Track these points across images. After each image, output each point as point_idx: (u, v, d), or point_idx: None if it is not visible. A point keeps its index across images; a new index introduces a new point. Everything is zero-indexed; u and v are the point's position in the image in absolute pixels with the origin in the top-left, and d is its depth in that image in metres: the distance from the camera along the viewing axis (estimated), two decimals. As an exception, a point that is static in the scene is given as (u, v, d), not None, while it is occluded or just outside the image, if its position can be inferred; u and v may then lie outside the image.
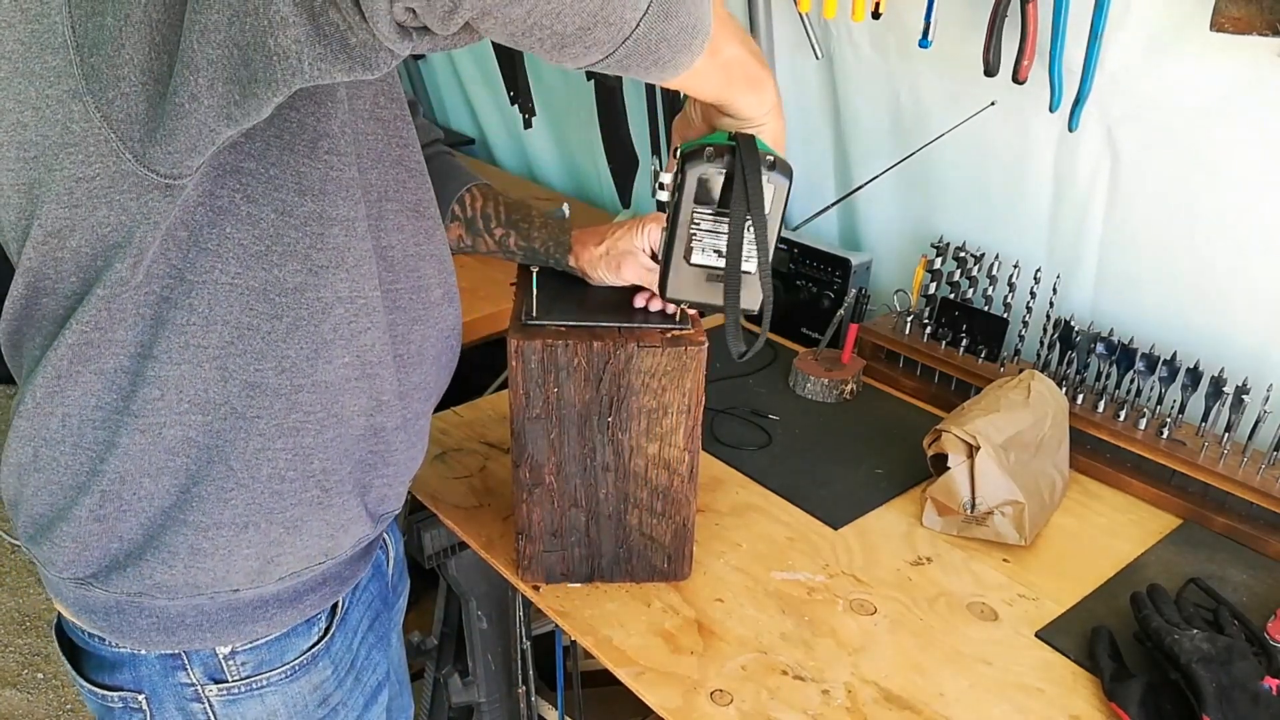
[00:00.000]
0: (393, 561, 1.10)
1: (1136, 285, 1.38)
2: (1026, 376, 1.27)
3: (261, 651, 0.89)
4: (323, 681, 0.95)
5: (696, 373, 0.97)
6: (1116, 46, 1.24)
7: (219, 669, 0.88)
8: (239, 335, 0.74)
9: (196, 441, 0.77)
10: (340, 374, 0.80)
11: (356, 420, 0.84)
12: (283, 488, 0.81)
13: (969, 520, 1.18)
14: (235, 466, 0.79)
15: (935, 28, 1.35)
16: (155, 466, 0.77)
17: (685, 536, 1.07)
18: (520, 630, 1.48)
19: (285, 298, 0.75)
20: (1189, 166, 1.26)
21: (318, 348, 0.78)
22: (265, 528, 0.82)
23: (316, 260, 0.75)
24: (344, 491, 0.87)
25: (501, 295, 1.70)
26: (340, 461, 0.85)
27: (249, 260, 0.72)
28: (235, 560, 0.82)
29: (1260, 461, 1.21)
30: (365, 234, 0.78)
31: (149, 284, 0.71)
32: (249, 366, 0.76)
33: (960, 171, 1.53)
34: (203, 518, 0.79)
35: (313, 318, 0.76)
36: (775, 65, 1.71)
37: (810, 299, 1.64)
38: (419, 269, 0.87)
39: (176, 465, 0.77)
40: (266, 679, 0.91)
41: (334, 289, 0.77)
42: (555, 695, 1.63)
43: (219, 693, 0.89)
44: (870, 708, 0.95)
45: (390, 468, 0.91)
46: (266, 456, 0.79)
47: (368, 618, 1.02)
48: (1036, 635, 1.05)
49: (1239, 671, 0.92)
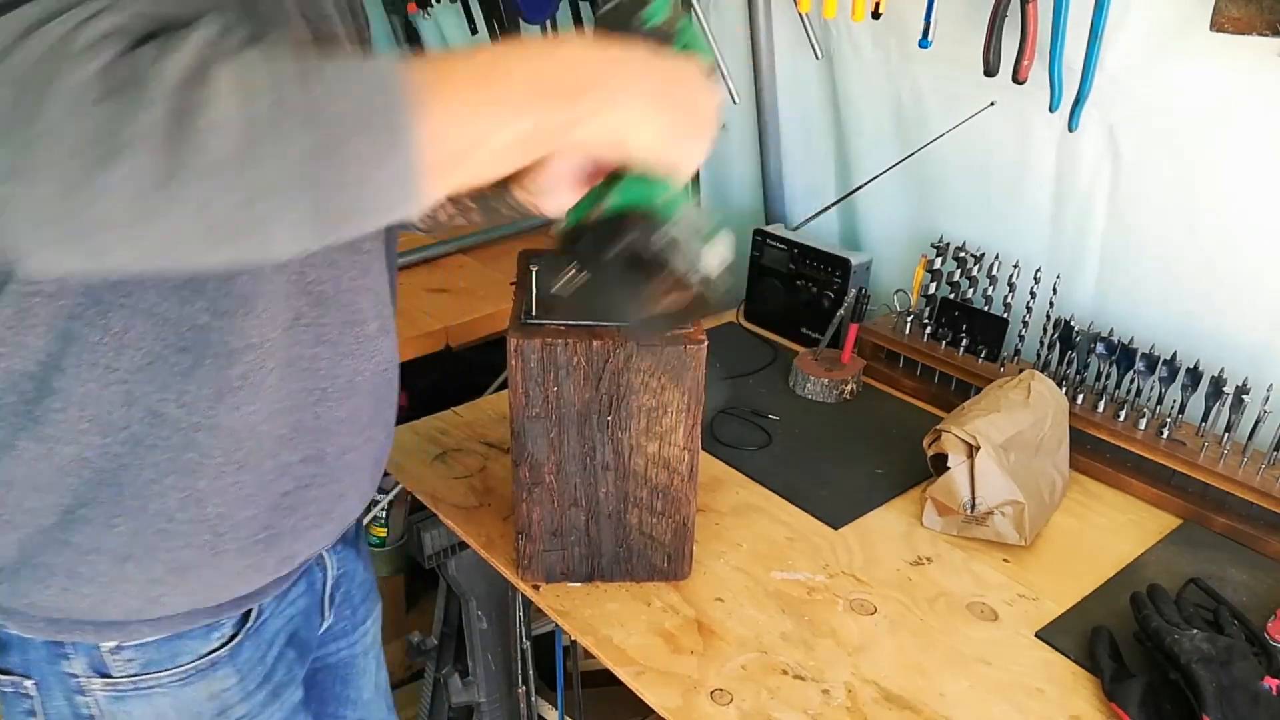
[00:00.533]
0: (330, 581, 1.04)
1: (1138, 284, 1.38)
2: (1026, 376, 1.27)
3: (149, 650, 0.85)
4: (223, 691, 0.90)
5: (696, 371, 0.97)
6: (1117, 47, 1.24)
7: (103, 664, 0.85)
8: (150, 361, 0.73)
9: (91, 463, 0.75)
10: (246, 422, 0.77)
11: (264, 464, 0.81)
12: (170, 527, 0.79)
13: (969, 520, 1.18)
14: (126, 494, 0.76)
15: (935, 28, 1.35)
16: (44, 481, 0.75)
17: (685, 536, 1.07)
18: (520, 630, 1.48)
19: (193, 334, 0.73)
20: (1190, 166, 1.26)
21: (221, 392, 0.75)
22: (148, 564, 0.79)
23: (221, 305, 0.73)
24: (242, 540, 0.82)
25: (501, 295, 1.70)
26: (241, 509, 0.81)
27: (165, 291, 0.71)
28: (113, 593, 0.80)
29: (1260, 461, 1.21)
30: (276, 279, 0.75)
31: (61, 296, 0.69)
32: (154, 395, 0.74)
33: (960, 172, 1.53)
34: (84, 540, 0.77)
35: (217, 361, 0.74)
36: (775, 65, 1.72)
37: (810, 299, 1.64)
38: (354, 303, 0.84)
39: (66, 484, 0.75)
40: (155, 680, 0.87)
41: (243, 336, 0.74)
42: (555, 695, 1.63)
43: (104, 688, 0.85)
44: (870, 707, 0.95)
45: (311, 506, 0.86)
46: (157, 490, 0.77)
47: (286, 631, 0.97)
48: (1036, 635, 1.05)
49: (1239, 671, 0.92)
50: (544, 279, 1.05)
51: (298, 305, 0.78)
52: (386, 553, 1.89)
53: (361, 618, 1.12)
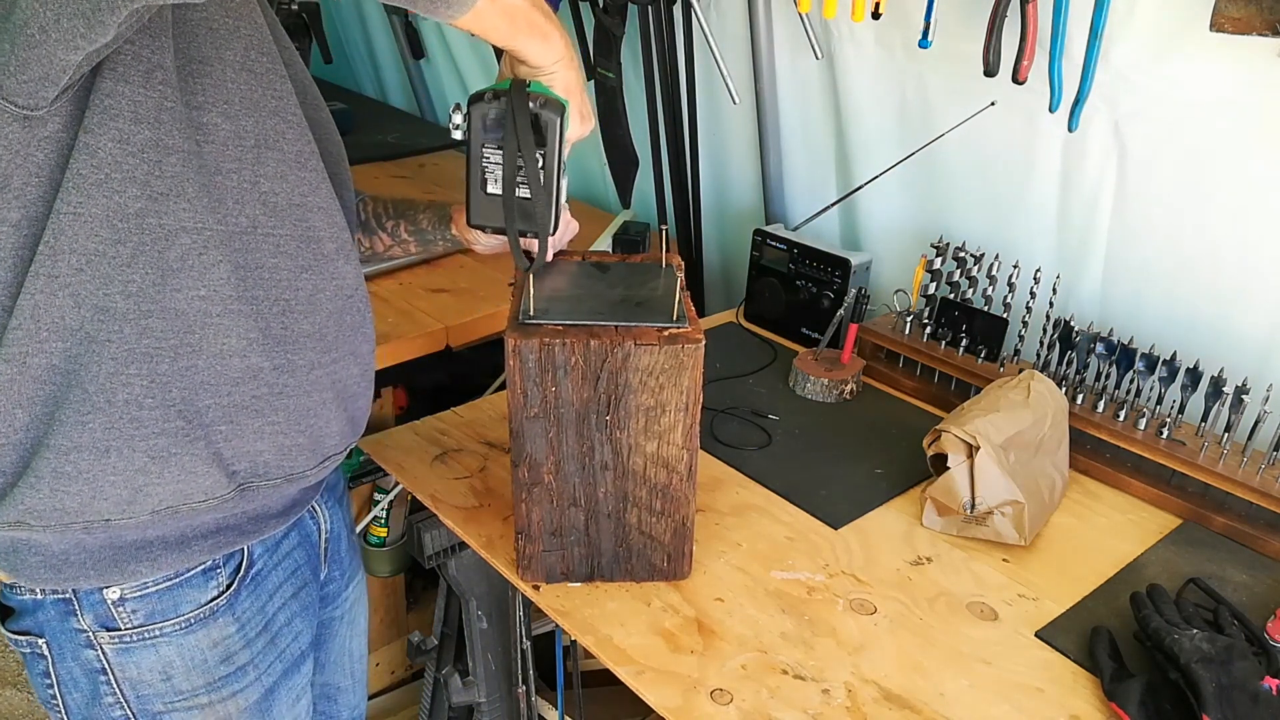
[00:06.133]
0: (325, 535, 1.11)
1: (1141, 282, 1.38)
2: (1026, 376, 1.27)
3: (152, 600, 0.92)
4: (225, 638, 0.96)
5: (694, 370, 0.97)
6: (1117, 47, 1.24)
7: (109, 616, 0.92)
8: (87, 262, 0.78)
9: (59, 368, 0.81)
10: (195, 306, 0.83)
11: (230, 360, 0.87)
12: (141, 414, 0.84)
13: (969, 520, 1.18)
14: (90, 390, 0.82)
15: (935, 27, 1.35)
16: (26, 396, 0.81)
17: (685, 535, 1.07)
18: (520, 630, 1.48)
19: (126, 223, 0.78)
20: (1191, 167, 1.26)
21: (164, 274, 0.81)
22: (128, 454, 0.85)
23: (155, 187, 0.79)
24: (211, 430, 0.88)
25: (500, 295, 1.70)
26: (206, 395, 0.87)
27: (88, 189, 0.76)
28: (102, 486, 0.85)
29: (1260, 461, 1.21)
30: (203, 170, 0.82)
31: (26, 224, 0.76)
32: (98, 291, 0.79)
33: (962, 171, 1.53)
34: (63, 440, 0.82)
35: (155, 244, 0.80)
36: (775, 65, 1.72)
37: (810, 299, 1.65)
38: (307, 219, 0.91)
39: (45, 394, 0.81)
40: (159, 629, 0.93)
41: (176, 217, 0.80)
42: (555, 695, 1.63)
43: (110, 640, 0.92)
44: (870, 707, 0.95)
45: (279, 414, 0.92)
46: (121, 381, 0.82)
47: (291, 584, 1.03)
48: (1036, 635, 1.05)
49: (1239, 671, 0.92)
50: (542, 282, 1.05)
51: (253, 213, 0.86)
52: (386, 553, 1.88)
53: (345, 582, 1.18)
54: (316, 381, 0.95)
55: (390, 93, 3.01)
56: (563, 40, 0.87)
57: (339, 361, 0.97)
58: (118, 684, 0.94)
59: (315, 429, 0.96)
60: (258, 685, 1.01)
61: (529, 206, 0.88)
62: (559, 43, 0.86)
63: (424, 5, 0.72)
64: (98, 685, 0.94)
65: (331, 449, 1.00)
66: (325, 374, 0.96)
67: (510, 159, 0.86)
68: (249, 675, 1.00)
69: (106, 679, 0.94)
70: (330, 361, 0.96)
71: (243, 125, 0.84)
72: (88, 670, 0.94)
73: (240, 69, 0.84)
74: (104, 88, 0.75)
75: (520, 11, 0.82)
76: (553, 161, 0.88)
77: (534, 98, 0.85)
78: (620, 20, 1.79)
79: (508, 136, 0.85)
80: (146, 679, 0.95)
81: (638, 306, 1.03)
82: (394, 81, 2.97)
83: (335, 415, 0.99)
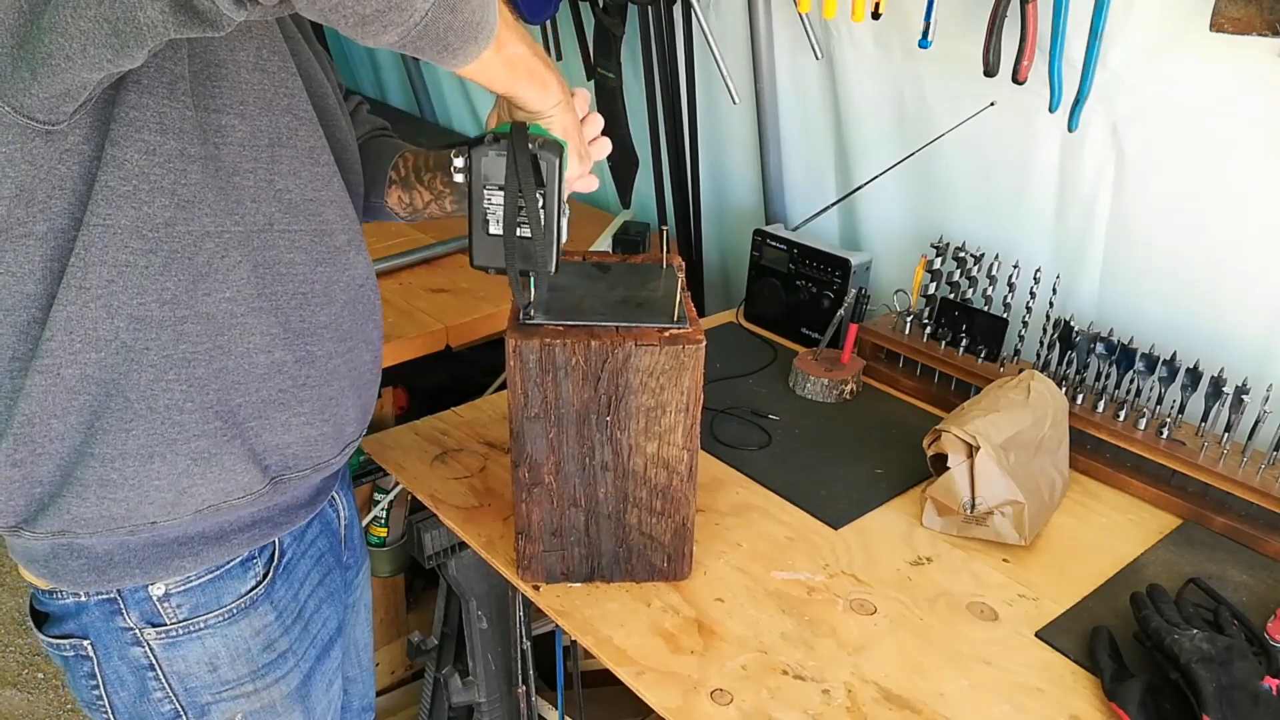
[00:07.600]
0: (344, 523, 1.13)
1: (1140, 282, 1.38)
2: (1026, 376, 1.27)
3: (195, 594, 0.94)
4: (265, 626, 0.98)
5: (694, 371, 0.97)
6: (1117, 47, 1.24)
7: (155, 612, 0.93)
8: (119, 273, 0.79)
9: (94, 378, 0.82)
10: (223, 308, 0.85)
11: (256, 357, 0.89)
12: (182, 419, 0.86)
13: (969, 520, 1.18)
14: (132, 398, 0.83)
15: (935, 28, 1.35)
16: (60, 407, 0.82)
17: (685, 536, 1.07)
18: (520, 630, 1.48)
19: (156, 233, 0.80)
20: (1192, 167, 1.26)
21: (195, 280, 0.83)
22: (171, 458, 0.86)
23: (181, 195, 0.80)
24: (245, 426, 0.90)
25: (501, 295, 1.70)
26: (237, 394, 0.88)
27: (117, 201, 0.78)
28: (147, 491, 0.86)
29: (1260, 461, 1.21)
30: (221, 173, 0.83)
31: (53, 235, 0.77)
32: (132, 301, 0.81)
33: (961, 172, 1.53)
34: (107, 449, 0.84)
35: (185, 250, 0.82)
36: (775, 66, 1.72)
37: (810, 299, 1.65)
38: (320, 214, 0.92)
39: (80, 403, 0.82)
40: (204, 621, 0.95)
41: (200, 223, 0.82)
42: (555, 695, 1.63)
43: (157, 636, 0.94)
44: (870, 707, 0.95)
45: (304, 406, 0.94)
46: (161, 387, 0.84)
47: (318, 571, 1.05)
48: (1036, 635, 1.05)
49: (1239, 671, 0.92)
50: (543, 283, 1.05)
51: (270, 212, 0.87)
52: (386, 553, 1.88)
53: (357, 570, 1.19)
54: (335, 371, 0.97)
55: (390, 93, 3.01)
56: (559, 85, 0.88)
57: (354, 350, 0.99)
58: (166, 678, 0.95)
59: (337, 417, 0.98)
60: (296, 671, 1.03)
61: (530, 247, 0.89)
62: (556, 89, 0.88)
63: (431, 54, 0.72)
64: (145, 682, 0.95)
65: (351, 436, 1.02)
66: (343, 362, 0.98)
67: (511, 200, 0.88)
68: (289, 662, 1.01)
69: (155, 674, 0.95)
70: (346, 350, 0.98)
71: (257, 125, 0.85)
72: (135, 668, 0.95)
73: (254, 69, 0.85)
74: (128, 100, 0.76)
75: (521, 60, 0.82)
76: (553, 202, 0.89)
77: (533, 139, 0.87)
78: (620, 20, 1.79)
79: (509, 178, 0.87)
80: (194, 671, 0.96)
81: (638, 307, 1.03)
82: (394, 81, 2.97)
83: (352, 403, 1.01)
